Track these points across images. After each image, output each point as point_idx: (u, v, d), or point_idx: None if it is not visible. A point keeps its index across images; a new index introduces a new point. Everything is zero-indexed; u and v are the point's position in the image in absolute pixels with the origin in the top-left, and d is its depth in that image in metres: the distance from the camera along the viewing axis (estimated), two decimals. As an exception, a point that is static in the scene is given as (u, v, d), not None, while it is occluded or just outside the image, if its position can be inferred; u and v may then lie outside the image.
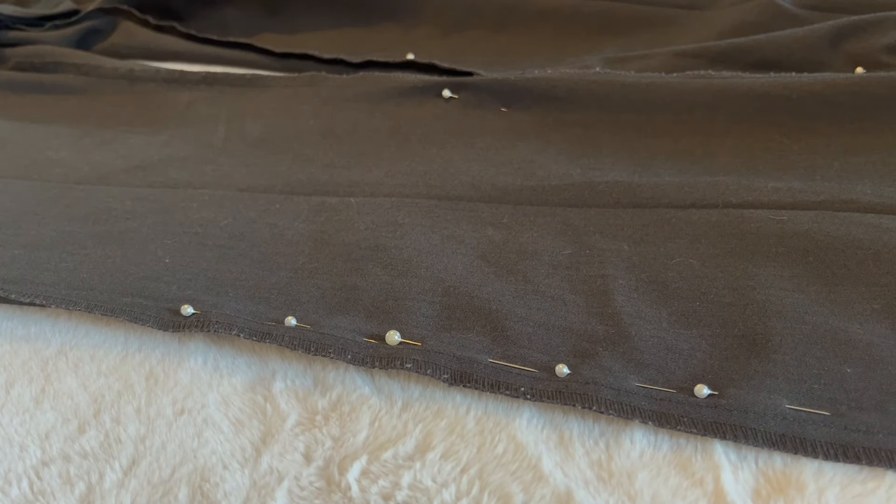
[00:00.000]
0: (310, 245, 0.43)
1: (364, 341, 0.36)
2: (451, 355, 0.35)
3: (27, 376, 0.37)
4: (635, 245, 0.40)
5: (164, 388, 0.36)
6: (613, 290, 0.38)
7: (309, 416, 0.35)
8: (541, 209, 0.44)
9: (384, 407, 0.35)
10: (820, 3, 0.59)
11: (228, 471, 0.32)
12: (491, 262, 0.40)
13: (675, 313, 0.37)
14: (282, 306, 0.39)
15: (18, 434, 0.34)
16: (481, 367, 0.35)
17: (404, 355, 0.35)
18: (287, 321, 0.37)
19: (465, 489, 0.32)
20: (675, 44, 0.57)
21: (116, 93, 0.63)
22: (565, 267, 0.40)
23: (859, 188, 0.41)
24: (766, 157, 0.45)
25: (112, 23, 0.71)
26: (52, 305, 0.38)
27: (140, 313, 0.38)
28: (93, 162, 0.53)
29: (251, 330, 0.37)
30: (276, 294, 0.40)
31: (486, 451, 0.33)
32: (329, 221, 0.44)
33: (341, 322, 0.37)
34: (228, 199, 0.48)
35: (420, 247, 0.41)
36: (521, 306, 0.38)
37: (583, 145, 0.48)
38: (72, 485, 0.32)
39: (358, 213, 0.45)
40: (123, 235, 0.45)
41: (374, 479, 0.32)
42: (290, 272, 0.41)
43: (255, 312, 0.38)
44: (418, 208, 0.44)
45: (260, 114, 0.57)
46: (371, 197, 0.46)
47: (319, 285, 0.40)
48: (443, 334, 0.36)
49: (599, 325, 0.36)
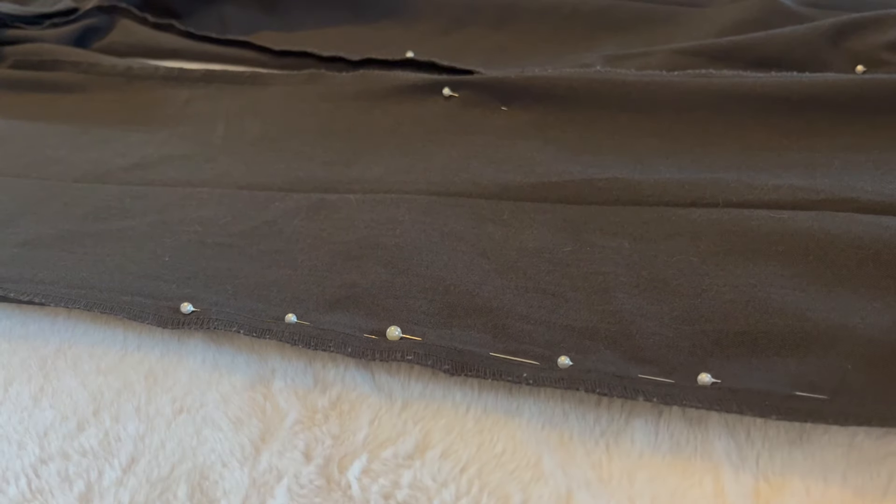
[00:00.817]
0: (309, 242, 0.43)
1: (364, 336, 0.36)
2: (453, 348, 0.35)
3: (26, 374, 0.37)
4: (636, 242, 0.40)
5: (163, 387, 0.36)
6: (614, 287, 0.38)
7: (309, 415, 0.35)
8: (541, 206, 0.44)
9: (384, 405, 0.35)
10: (818, 0, 0.59)
11: (228, 469, 0.32)
12: (491, 259, 0.40)
13: (675, 310, 0.36)
14: (281, 304, 0.39)
15: (17, 432, 0.34)
16: (482, 359, 0.35)
17: (405, 348, 0.35)
18: (287, 318, 0.37)
19: (465, 488, 0.32)
20: (674, 41, 0.57)
21: (115, 91, 0.63)
22: (565, 264, 0.40)
23: (860, 186, 0.41)
24: (767, 156, 0.45)
25: (111, 21, 0.71)
26: (50, 304, 0.38)
27: (139, 311, 0.38)
28: (91, 160, 0.53)
29: (251, 327, 0.37)
30: (275, 292, 0.39)
31: (486, 451, 0.33)
32: (328, 219, 0.44)
33: (341, 319, 0.37)
34: (228, 196, 0.48)
35: (420, 244, 0.41)
36: (522, 304, 0.38)
37: (583, 143, 0.48)
38: (70, 483, 0.32)
39: (357, 210, 0.45)
40: (122, 234, 0.45)
41: (375, 477, 0.32)
42: (290, 270, 0.41)
43: (254, 310, 0.38)
44: (418, 205, 0.44)
45: (259, 112, 0.57)
46: (370, 194, 0.46)
47: (319, 283, 0.40)
48: (443, 331, 0.36)
49: (601, 322, 0.36)
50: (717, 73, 0.50)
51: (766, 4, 0.57)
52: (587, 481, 0.31)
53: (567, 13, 0.63)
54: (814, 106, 0.47)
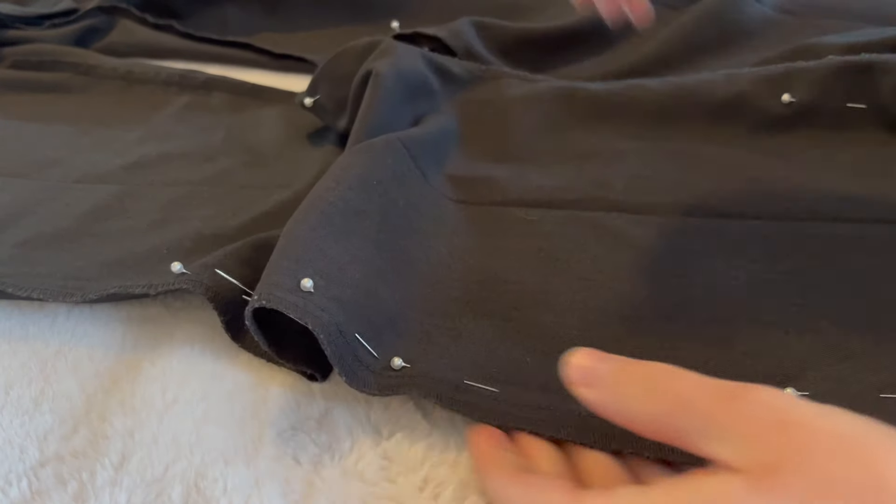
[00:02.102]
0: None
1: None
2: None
3: (26, 378, 0.37)
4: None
5: (161, 385, 0.36)
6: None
7: (302, 420, 0.35)
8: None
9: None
10: (795, 7, 0.59)
11: (224, 468, 0.32)
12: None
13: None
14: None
15: (18, 436, 0.34)
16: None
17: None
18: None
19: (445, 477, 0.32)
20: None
21: (115, 93, 0.63)
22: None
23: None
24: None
25: (111, 21, 0.71)
26: (48, 299, 0.38)
27: (131, 289, 0.37)
28: (91, 161, 0.53)
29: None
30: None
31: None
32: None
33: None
34: (228, 196, 0.48)
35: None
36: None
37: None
38: (64, 483, 0.32)
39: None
40: (123, 234, 0.45)
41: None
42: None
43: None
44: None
45: (260, 126, 0.57)
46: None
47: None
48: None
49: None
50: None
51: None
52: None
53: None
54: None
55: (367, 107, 0.47)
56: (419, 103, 0.51)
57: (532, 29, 0.60)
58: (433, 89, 0.52)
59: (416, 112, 0.50)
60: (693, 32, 0.57)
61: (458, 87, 0.53)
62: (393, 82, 0.49)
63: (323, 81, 0.53)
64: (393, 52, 0.51)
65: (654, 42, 0.58)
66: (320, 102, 0.53)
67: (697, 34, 0.57)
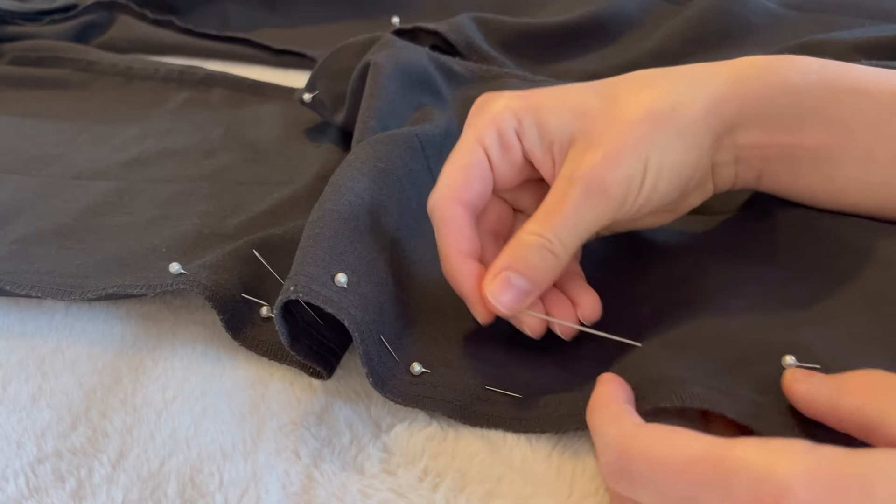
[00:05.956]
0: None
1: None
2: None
3: (24, 374, 0.37)
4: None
5: (160, 382, 0.36)
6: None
7: (302, 415, 0.35)
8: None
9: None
10: (801, 2, 0.59)
11: (221, 463, 0.32)
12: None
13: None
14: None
15: (15, 431, 0.34)
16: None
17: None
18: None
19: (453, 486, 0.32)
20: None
21: (114, 89, 0.63)
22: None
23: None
24: None
25: (110, 17, 0.71)
26: (46, 297, 0.38)
27: (129, 289, 0.37)
28: (91, 157, 0.53)
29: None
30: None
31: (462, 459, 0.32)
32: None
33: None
34: (227, 192, 0.48)
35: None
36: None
37: None
38: (63, 480, 0.32)
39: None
40: (122, 230, 0.44)
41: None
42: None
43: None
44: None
45: (259, 122, 0.57)
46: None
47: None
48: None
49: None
50: None
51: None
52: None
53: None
54: None
55: (370, 94, 0.47)
56: (423, 94, 0.50)
57: (533, 24, 0.60)
58: (437, 84, 0.52)
59: (421, 100, 0.50)
60: (695, 27, 0.57)
61: (460, 84, 0.53)
62: (392, 70, 0.48)
63: (322, 77, 0.53)
64: (392, 45, 0.51)
65: (656, 37, 0.57)
66: (319, 98, 0.52)
67: (700, 29, 0.57)
